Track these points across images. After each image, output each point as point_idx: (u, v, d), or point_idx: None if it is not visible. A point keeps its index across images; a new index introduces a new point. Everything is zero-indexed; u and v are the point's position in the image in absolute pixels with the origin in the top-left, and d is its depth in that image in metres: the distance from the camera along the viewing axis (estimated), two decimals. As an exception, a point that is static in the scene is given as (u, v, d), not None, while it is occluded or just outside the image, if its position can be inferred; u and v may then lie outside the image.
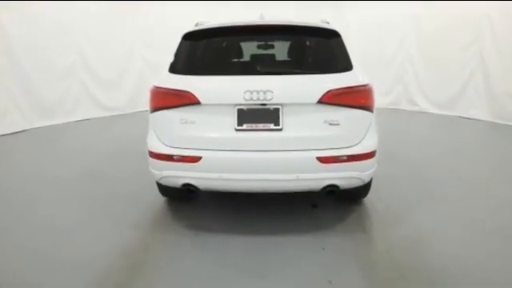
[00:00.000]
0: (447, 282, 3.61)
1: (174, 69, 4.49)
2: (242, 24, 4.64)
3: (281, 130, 4.12)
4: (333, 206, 5.22)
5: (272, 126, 4.12)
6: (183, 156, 4.19)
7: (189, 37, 4.70)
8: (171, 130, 4.28)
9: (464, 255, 4.05)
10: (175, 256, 4.14)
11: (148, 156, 4.46)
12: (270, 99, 4.05)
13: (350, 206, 5.19)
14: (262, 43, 6.64)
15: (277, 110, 4.12)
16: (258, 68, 4.75)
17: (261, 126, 4.13)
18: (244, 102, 4.07)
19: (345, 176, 4.22)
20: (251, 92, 4.04)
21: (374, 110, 4.32)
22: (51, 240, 4.49)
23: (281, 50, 5.94)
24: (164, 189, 5.07)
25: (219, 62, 5.09)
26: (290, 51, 5.59)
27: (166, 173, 4.37)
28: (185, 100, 4.17)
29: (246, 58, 5.90)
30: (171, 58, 4.60)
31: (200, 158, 4.14)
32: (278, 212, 5.06)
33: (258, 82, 4.11)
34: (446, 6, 11.62)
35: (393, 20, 12.98)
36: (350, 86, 4.15)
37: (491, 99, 10.91)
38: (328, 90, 4.06)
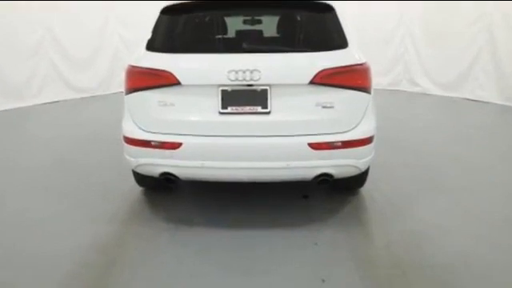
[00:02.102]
0: (451, 280, 3.62)
1: (152, 46, 4.45)
2: None
3: (269, 113, 4.10)
4: (326, 196, 5.24)
5: (259, 109, 4.10)
6: (162, 142, 4.17)
7: (167, 11, 4.64)
8: (148, 114, 4.26)
9: (469, 251, 4.06)
10: (153, 252, 4.13)
11: (123, 142, 4.45)
12: (257, 79, 4.02)
13: (345, 197, 5.20)
14: (249, 18, 6.61)
15: (264, 92, 4.10)
16: (244, 45, 4.72)
17: (247, 108, 4.11)
18: (229, 82, 4.04)
19: (339, 164, 4.23)
20: (236, 71, 4.01)
21: (372, 92, 4.32)
22: (18, 235, 4.46)
23: (269, 25, 5.91)
24: (141, 178, 5.05)
25: (201, 38, 5.04)
26: (280, 27, 5.54)
27: (142, 160, 4.36)
28: (163, 80, 4.14)
29: (231, 34, 5.84)
30: (149, 35, 4.55)
31: (180, 144, 4.12)
32: (265, 204, 5.06)
33: (244, 61, 4.08)
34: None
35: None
36: (345, 64, 4.14)
37: (500, 79, 10.90)
38: (321, 69, 4.04)
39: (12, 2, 10.32)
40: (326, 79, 4.05)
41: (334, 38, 4.38)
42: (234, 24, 6.06)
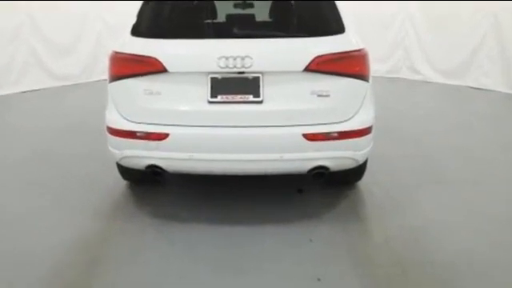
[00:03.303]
0: (452, 278, 3.62)
1: (137, 31, 4.43)
2: None
3: (261, 102, 4.08)
4: (322, 190, 5.24)
5: (251, 98, 4.08)
6: (148, 133, 4.15)
7: (154, -7, 4.63)
8: (134, 103, 4.23)
9: (471, 248, 4.07)
10: (138, 249, 4.12)
11: (107, 133, 4.42)
12: (249, 66, 4.00)
13: (342, 191, 5.20)
14: (240, 1, 6.58)
15: (257, 79, 4.08)
16: (235, 30, 4.71)
17: (238, 97, 4.09)
18: (218, 69, 4.02)
19: (336, 156, 4.22)
20: (227, 58, 3.99)
21: (370, 79, 4.30)
22: (-3, 232, 4.45)
23: (262, 9, 5.88)
24: (125, 171, 5.03)
25: (189, 23, 5.00)
26: (273, 11, 5.53)
27: (127, 152, 4.34)
28: (149, 67, 4.12)
29: (221, 18, 5.83)
30: (134, 19, 4.52)
31: (167, 134, 4.10)
32: (257, 198, 5.06)
33: (235, 47, 4.07)
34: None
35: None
36: (341, 51, 4.13)
37: (506, 66, 10.88)
38: (316, 55, 4.03)
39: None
40: (321, 66, 4.04)
41: (330, 23, 4.36)
42: (225, 8, 6.02)
